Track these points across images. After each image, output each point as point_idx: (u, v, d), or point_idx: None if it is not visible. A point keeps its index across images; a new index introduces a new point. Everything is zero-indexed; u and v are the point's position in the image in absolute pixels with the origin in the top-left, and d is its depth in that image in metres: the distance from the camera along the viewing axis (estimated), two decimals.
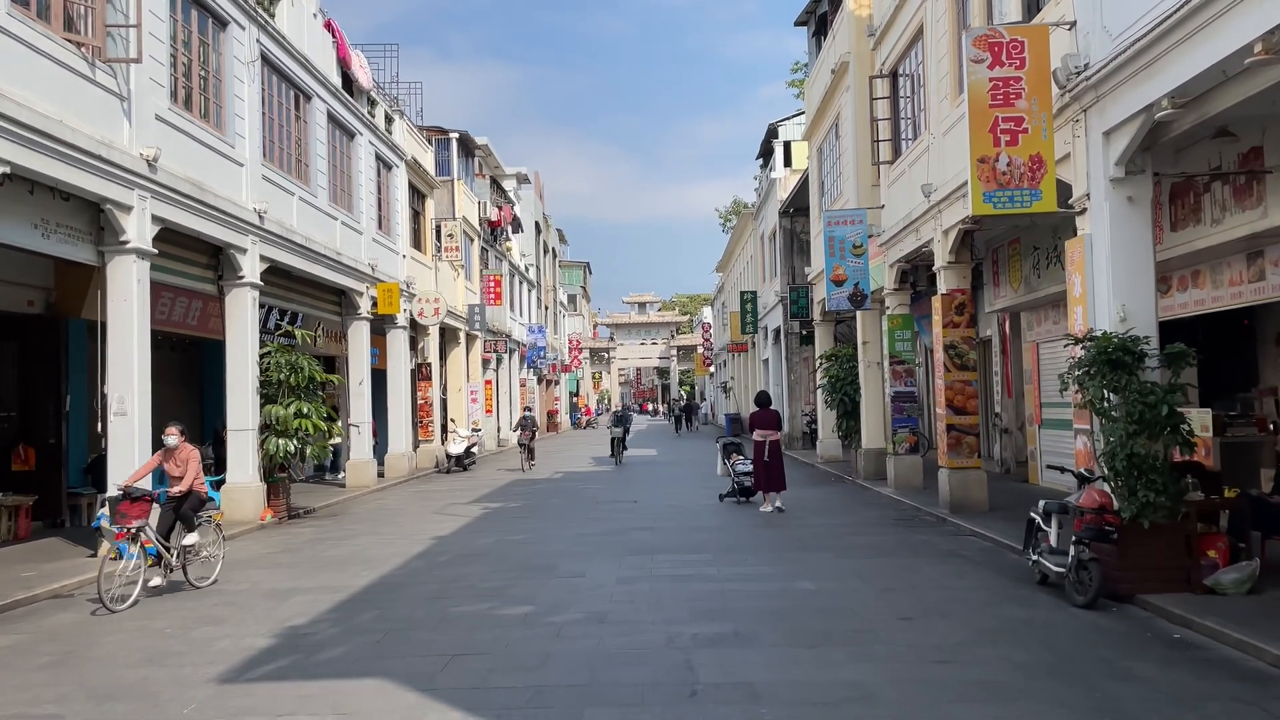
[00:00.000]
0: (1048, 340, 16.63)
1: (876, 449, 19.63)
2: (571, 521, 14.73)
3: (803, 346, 31.66)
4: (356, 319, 21.28)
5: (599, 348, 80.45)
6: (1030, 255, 15.78)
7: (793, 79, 49.80)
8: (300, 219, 17.72)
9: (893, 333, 17.37)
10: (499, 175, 42.13)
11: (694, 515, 15.10)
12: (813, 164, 25.24)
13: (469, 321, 31.82)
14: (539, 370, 49.14)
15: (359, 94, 21.45)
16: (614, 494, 18.77)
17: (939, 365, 14.37)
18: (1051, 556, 8.76)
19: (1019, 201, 9.59)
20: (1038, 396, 17.25)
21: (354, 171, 21.09)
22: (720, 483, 17.76)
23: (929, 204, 14.36)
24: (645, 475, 23.32)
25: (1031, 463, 17.71)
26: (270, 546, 13.05)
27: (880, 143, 17.61)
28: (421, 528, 14.40)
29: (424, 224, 27.60)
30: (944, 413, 14.19)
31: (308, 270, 18.10)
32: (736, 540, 12.42)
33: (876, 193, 18.99)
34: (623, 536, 12.90)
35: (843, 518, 14.40)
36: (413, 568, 11.00)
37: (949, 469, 14.08)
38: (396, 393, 23.92)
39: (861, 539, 12.28)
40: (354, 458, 21.19)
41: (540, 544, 12.49)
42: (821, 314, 24.84)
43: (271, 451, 15.34)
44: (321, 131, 19.01)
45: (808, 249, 30.54)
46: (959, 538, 12.20)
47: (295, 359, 15.69)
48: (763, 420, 15.41)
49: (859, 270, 17.89)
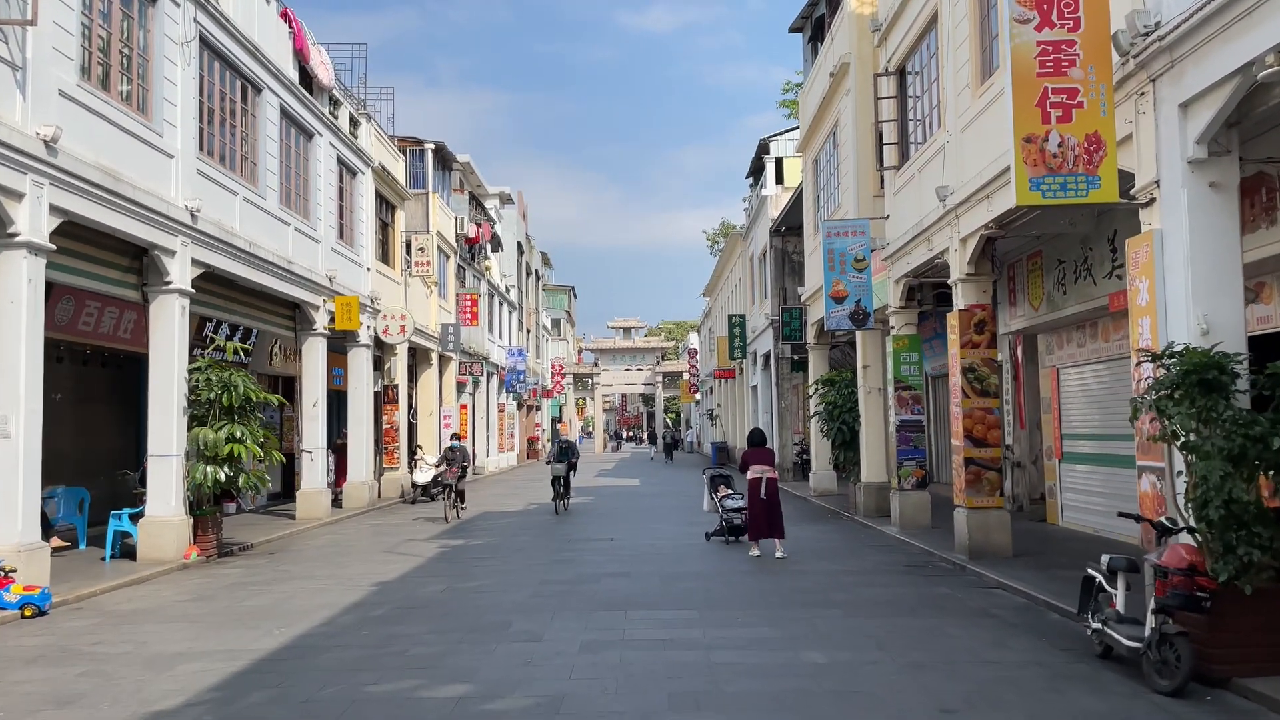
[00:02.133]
0: (1071, 365, 15.00)
1: (878, 483, 17.91)
2: (537, 564, 12.92)
3: (794, 373, 30.01)
4: (312, 335, 19.49)
5: (582, 373, 78.52)
6: (1054, 270, 14.18)
7: (783, 99, 48.63)
8: (244, 222, 15.97)
9: (898, 355, 15.72)
10: (481, 194, 40.54)
11: (677, 558, 13.32)
12: (807, 178, 23.70)
13: (442, 342, 30.04)
14: (519, 395, 47.31)
15: (319, 92, 19.79)
16: (588, 530, 16.96)
17: (955, 390, 12.70)
18: (1121, 627, 7.03)
19: (1073, 190, 7.96)
20: (1058, 427, 15.60)
21: (311, 175, 19.38)
22: (707, 519, 15.99)
23: (944, 209, 12.76)
24: (625, 508, 21.52)
25: (1050, 500, 16.02)
26: (183, 592, 11.19)
27: (886, 146, 16.05)
28: (366, 570, 12.56)
29: (393, 237, 25.89)
30: (961, 444, 12.50)
31: (254, 279, 16.33)
32: (726, 591, 10.63)
33: (879, 204, 17.42)
34: (593, 585, 11.10)
35: (846, 563, 12.64)
36: (339, 624, 9.17)
37: (967, 509, 12.38)
38: (358, 416, 22.09)
39: (872, 591, 10.52)
40: (305, 487, 19.32)
41: (496, 593, 10.68)
42: (816, 337, 23.20)
43: (199, 480, 13.50)
44: (273, 128, 17.32)
45: (800, 270, 28.99)
46: (986, 591, 10.46)
47: (229, 376, 13.87)
48: (759, 458, 13.71)
49: (861, 286, 16.26)
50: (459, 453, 19.60)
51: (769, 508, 13.28)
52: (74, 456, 16.10)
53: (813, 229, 23.05)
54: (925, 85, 14.58)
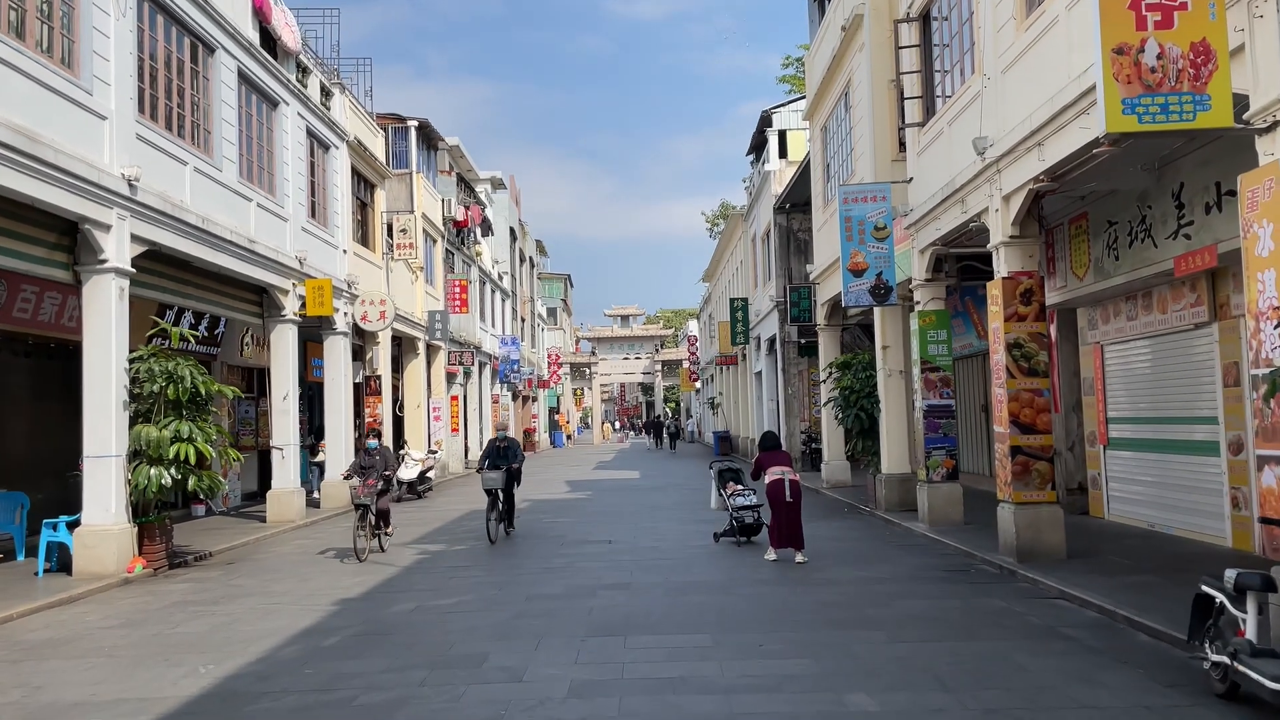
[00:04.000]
0: (1118, 340, 13.44)
1: (900, 474, 16.37)
2: (524, 573, 11.37)
3: (801, 357, 28.44)
4: (281, 321, 17.90)
5: (580, 362, 76.91)
6: (1102, 234, 12.61)
7: (784, 75, 46.99)
8: (197, 195, 14.37)
9: (924, 332, 14.15)
10: (471, 178, 38.90)
11: (683, 563, 11.78)
12: (815, 147, 22.09)
13: (429, 330, 28.48)
14: (513, 386, 45.75)
15: (284, 57, 18.16)
16: (584, 531, 15.41)
17: (998, 370, 11.14)
18: (1257, 662, 5.49)
19: (1176, 113, 6.39)
20: (1102, 411, 14.06)
21: (277, 147, 17.76)
22: (714, 517, 14.46)
23: (982, 163, 11.18)
24: (624, 504, 19.97)
25: (1093, 491, 14.49)
26: (112, 616, 9.64)
27: (907, 102, 14.45)
28: (329, 583, 11.02)
29: (373, 218, 24.27)
30: (1006, 431, 10.95)
31: (210, 260, 14.73)
32: (743, 607, 9.09)
33: (899, 169, 15.85)
34: (587, 600, 9.55)
35: (876, 568, 11.10)
36: (280, 659, 7.63)
37: (1014, 504, 10.83)
38: (335, 409, 20.54)
39: (913, 604, 8.98)
40: (276, 487, 17.75)
41: (474, 613, 9.15)
42: (827, 317, 21.65)
43: (141, 484, 11.95)
44: (230, 93, 15.69)
45: (807, 248, 27.44)
46: (1047, 603, 8.92)
47: (174, 366, 12.30)
48: (777, 460, 12.17)
49: (882, 257, 14.68)
50: (378, 458, 13.27)
51: (792, 514, 11.73)
52: (16, 457, 14.59)
53: (822, 201, 21.48)
54: (955, 29, 12.98)
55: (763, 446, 12.66)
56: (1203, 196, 10.30)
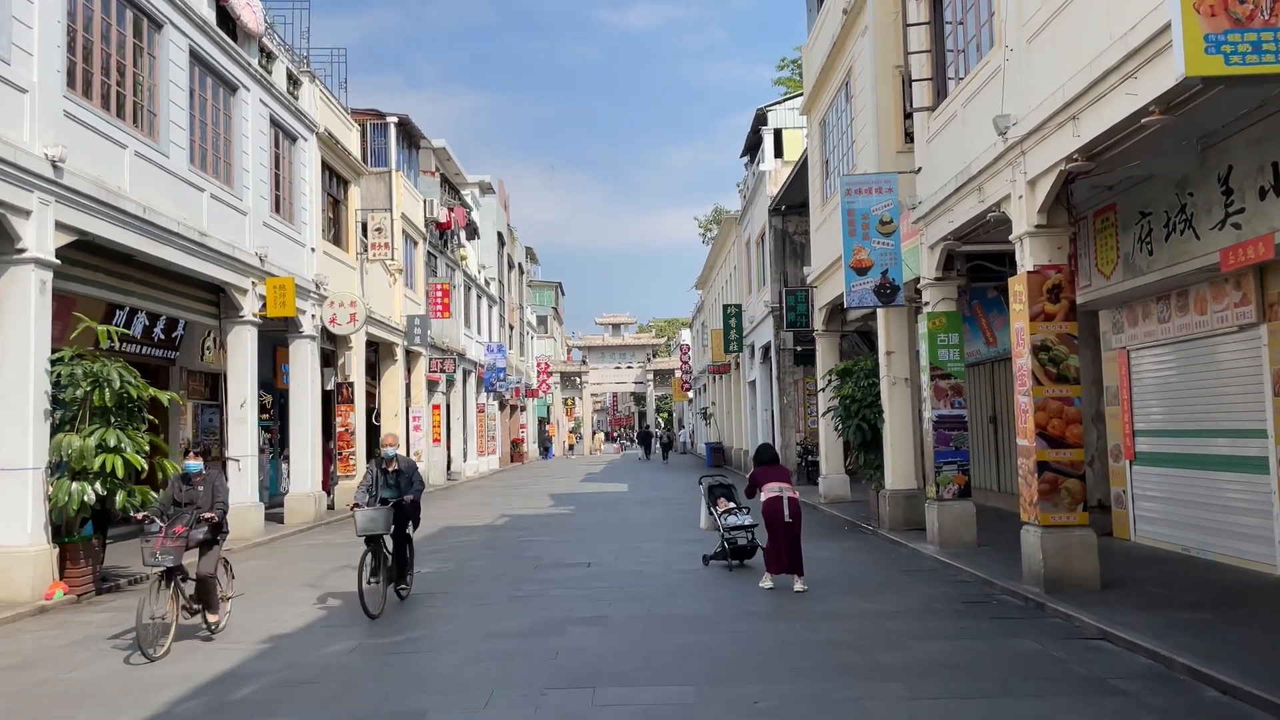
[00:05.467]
0: (1149, 345, 12.23)
1: (905, 490, 15.14)
2: (488, 603, 10.08)
3: (796, 366, 27.22)
4: (238, 323, 16.62)
5: (570, 371, 75.58)
6: (1133, 226, 11.41)
7: (779, 77, 45.96)
8: (138, 181, 13.11)
9: (934, 336, 12.94)
10: (459, 182, 37.71)
11: (668, 592, 10.50)
12: (813, 142, 20.93)
13: (408, 335, 27.20)
14: (500, 394, 44.43)
15: (246, 39, 16.92)
16: (562, 552, 14.13)
17: (1022, 375, 9.92)
18: None
19: (1273, 52, 5.17)
20: (1128, 422, 12.85)
21: (236, 135, 16.51)
22: (704, 536, 13.20)
23: (1004, 145, 9.98)
24: (608, 521, 18.69)
25: (1117, 510, 13.26)
26: (10, 654, 8.33)
27: (915, 85, 13.26)
28: (266, 615, 9.73)
29: (347, 216, 23.01)
30: (1032, 444, 9.73)
31: (154, 254, 13.47)
32: (735, 649, 7.82)
33: (905, 160, 14.67)
34: (554, 639, 8.27)
35: (885, 599, 9.83)
36: (176, 717, 6.33)
37: (1040, 526, 9.59)
38: (301, 417, 19.26)
39: (931, 646, 7.72)
40: (232, 502, 16.36)
41: (421, 654, 7.87)
42: (825, 322, 20.45)
43: (61, 501, 10.66)
44: (180, 74, 14.44)
45: (803, 252, 26.27)
46: (1088, 646, 7.67)
47: (101, 368, 11.00)
48: (774, 475, 10.92)
49: (888, 254, 13.47)
50: (201, 488, 8.85)
51: (791, 536, 10.49)
52: None
53: (820, 200, 20.30)
54: (969, 3, 11.81)
55: (758, 461, 11.43)
56: (1256, 180, 9.10)
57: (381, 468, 10.13)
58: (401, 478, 10.06)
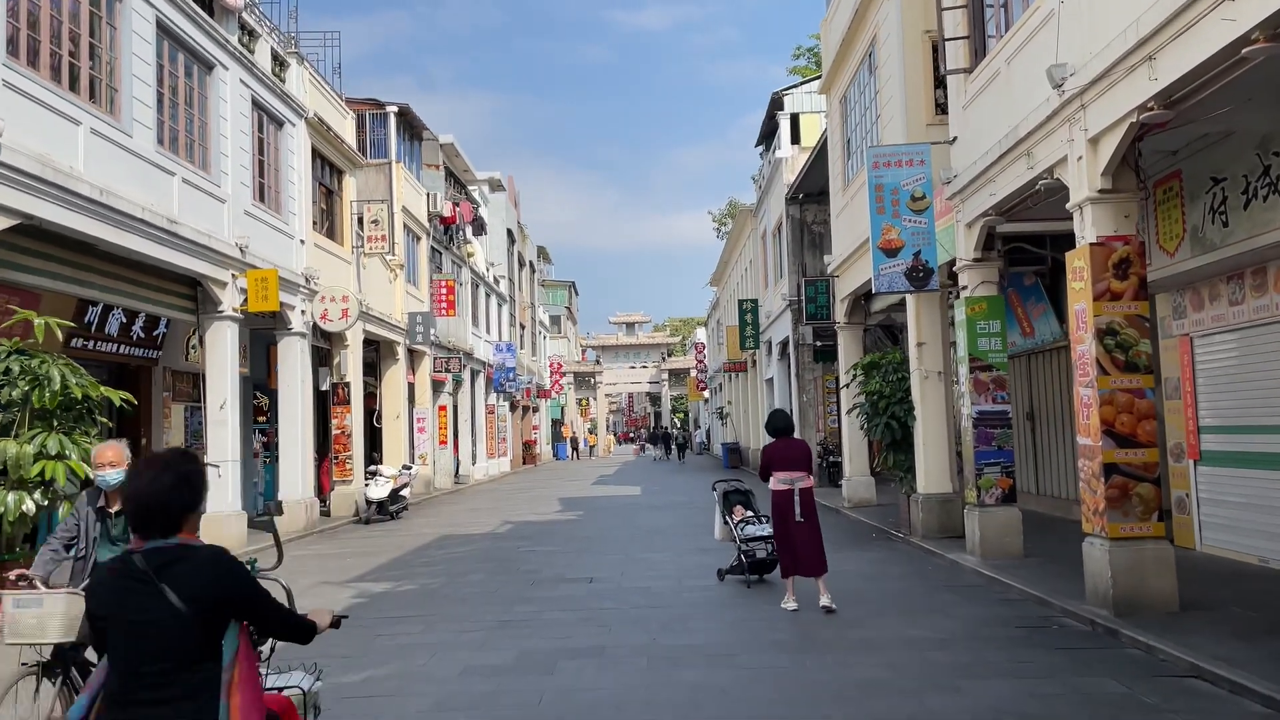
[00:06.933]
0: (1218, 331, 10.87)
1: (940, 495, 13.82)
2: (473, 629, 8.85)
3: (816, 362, 25.89)
4: (217, 318, 15.49)
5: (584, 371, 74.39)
6: (1203, 195, 10.07)
7: (794, 66, 44.63)
8: (94, 161, 11.96)
9: (973, 323, 11.62)
10: (468, 178, 36.58)
11: (679, 615, 9.23)
12: (833, 122, 19.62)
13: (409, 333, 26.03)
14: (510, 395, 43.26)
15: (224, 14, 15.77)
16: (564, 564, 12.89)
17: (1085, 364, 8.60)
18: None
19: None
20: (1192, 418, 11.48)
21: (213, 116, 15.36)
22: (720, 546, 11.95)
23: (1061, 99, 8.66)
24: (619, 528, 17.44)
25: (1179, 516, 11.89)
26: None
27: (949, 45, 11.93)
28: None
29: (341, 208, 21.87)
30: (1097, 444, 8.40)
31: (115, 241, 12.32)
32: (756, 691, 6.56)
33: (936, 133, 13.37)
34: (540, 678, 7.02)
35: (928, 623, 8.52)
36: None
37: (1108, 539, 8.27)
38: (291, 419, 18.12)
39: (992, 687, 6.43)
40: (211, 510, 15.27)
41: (381, 698, 6.65)
42: (847, 314, 19.12)
43: None
44: (145, 47, 13.29)
45: (822, 242, 24.97)
46: (1183, 687, 6.35)
47: (40, 365, 9.84)
48: (787, 455, 9.59)
49: (921, 233, 12.17)
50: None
51: (805, 534, 9.23)
52: None
53: (841, 184, 19.00)
54: None
55: (772, 429, 9.83)
56: None
57: (98, 507, 5.47)
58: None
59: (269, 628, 3.10)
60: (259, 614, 3.01)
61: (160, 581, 2.81)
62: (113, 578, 2.92)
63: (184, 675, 2.80)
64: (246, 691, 2.88)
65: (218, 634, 2.87)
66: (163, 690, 2.79)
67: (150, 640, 2.81)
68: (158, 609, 2.80)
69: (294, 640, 3.19)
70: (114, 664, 2.87)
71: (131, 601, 2.83)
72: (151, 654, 2.80)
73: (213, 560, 2.92)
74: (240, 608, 2.94)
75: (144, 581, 2.83)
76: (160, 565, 2.85)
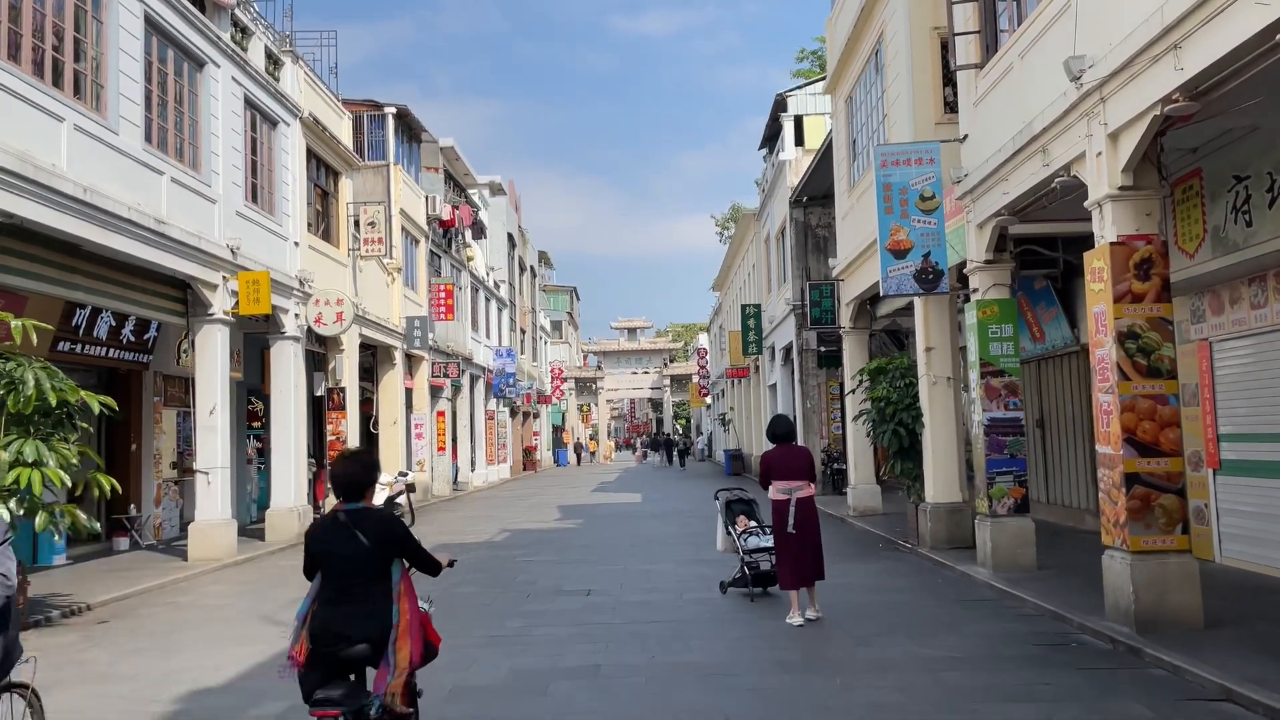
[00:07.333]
0: (1239, 335, 10.48)
1: (949, 504, 13.43)
2: (462, 646, 8.43)
3: (820, 368, 25.49)
4: (207, 321, 15.13)
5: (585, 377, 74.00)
6: (1224, 194, 9.70)
7: (798, 69, 44.32)
8: (78, 159, 11.62)
9: (985, 327, 11.25)
10: (469, 182, 36.29)
11: (679, 630, 8.84)
12: (838, 123, 19.26)
13: (407, 338, 25.68)
14: (510, 401, 42.89)
15: (216, 11, 15.45)
16: (561, 575, 12.50)
17: (1105, 369, 8.22)
18: None
19: None
20: (1210, 425, 11.10)
21: (203, 114, 15.03)
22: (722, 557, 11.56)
23: (1079, 92, 8.29)
24: (618, 537, 17.04)
25: (1198, 527, 11.47)
26: None
27: (959, 39, 11.57)
28: (196, 661, 8.16)
29: (337, 210, 21.53)
30: (1117, 453, 8.02)
31: (100, 242, 11.98)
32: (759, 715, 6.17)
33: (945, 132, 13.01)
34: (531, 700, 6.64)
35: (941, 641, 8.12)
36: None
37: (1130, 553, 7.88)
38: (283, 426, 17.74)
39: (1013, 712, 6.04)
40: (200, 519, 14.94)
41: None
42: (853, 319, 18.75)
43: None
44: (133, 43, 12.96)
45: (826, 246, 24.60)
46: (1217, 712, 5.96)
47: (14, 369, 9.48)
48: (788, 463, 9.23)
49: (930, 234, 11.79)
50: None
51: (801, 544, 8.88)
52: None
53: (846, 185, 18.63)
54: None
55: (772, 435, 9.50)
56: None
57: None
58: None
59: (415, 562, 4.70)
60: (410, 552, 4.65)
61: (355, 529, 4.51)
62: (326, 526, 4.64)
63: (372, 587, 4.48)
64: (409, 599, 4.56)
65: (388, 563, 4.54)
66: (359, 595, 4.47)
67: (351, 565, 4.48)
68: (355, 546, 4.48)
69: (427, 573, 4.80)
70: (328, 580, 4.54)
71: (338, 541, 4.53)
72: (351, 574, 4.49)
73: (383, 518, 4.67)
74: (400, 547, 4.60)
75: (346, 529, 4.52)
76: (355, 519, 4.56)
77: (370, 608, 4.44)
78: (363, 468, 4.70)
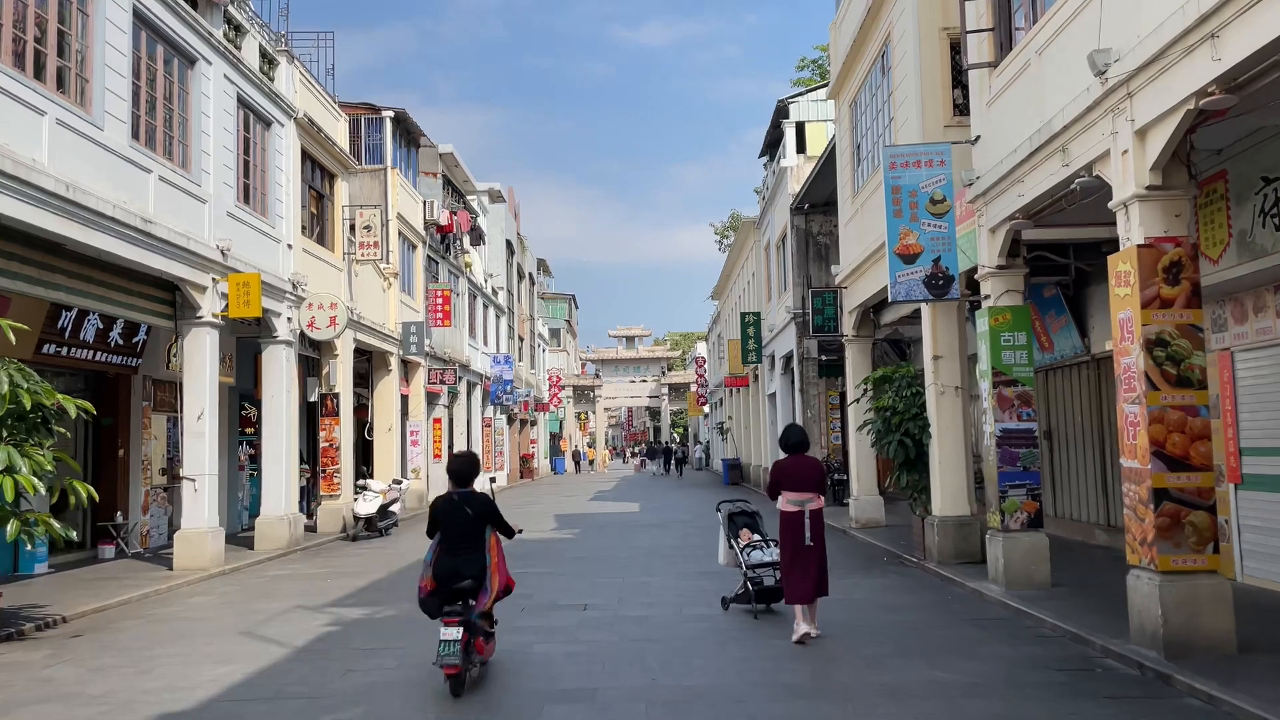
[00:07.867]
0: (1261, 345, 10.11)
1: (957, 518, 13.01)
2: None
3: (821, 377, 25.09)
4: (195, 324, 14.71)
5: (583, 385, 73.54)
6: (1251, 197, 9.32)
7: (799, 78, 44.01)
8: (60, 155, 11.22)
9: (997, 335, 10.85)
10: (468, 189, 35.90)
11: (679, 650, 8.41)
12: (841, 128, 18.90)
13: (403, 343, 25.26)
14: (507, 408, 42.45)
15: (209, 7, 15.08)
16: (556, 589, 12.06)
17: (1131, 377, 7.83)
18: None
19: None
20: (1232, 439, 10.70)
21: (193, 112, 14.64)
22: (725, 572, 11.13)
23: (1103, 88, 7.92)
24: (616, 548, 16.60)
25: (1222, 544, 11.06)
26: None
27: (971, 37, 11.22)
28: (174, 679, 7.72)
29: (332, 213, 21.13)
30: (1145, 467, 7.62)
31: (84, 240, 11.57)
32: None
33: (954, 135, 12.66)
34: None
35: (957, 666, 7.69)
36: None
37: (1159, 573, 7.47)
38: (275, 431, 17.32)
39: None
40: (186, 527, 14.49)
41: None
42: (856, 327, 18.37)
43: None
44: (120, 36, 12.58)
45: (828, 254, 24.27)
46: None
47: None
48: (799, 474, 8.85)
49: (941, 238, 11.41)
50: None
51: (812, 559, 8.48)
52: None
53: (850, 191, 18.27)
54: None
55: (785, 445, 9.16)
56: None
57: None
58: None
59: (498, 528, 7.41)
60: (496, 521, 7.39)
61: (465, 505, 7.26)
62: (446, 502, 7.34)
63: (475, 542, 7.25)
64: (497, 552, 7.37)
65: (484, 528, 7.31)
66: (467, 548, 7.22)
67: (461, 528, 7.23)
68: (463, 516, 7.24)
69: (504, 535, 7.48)
70: (446, 538, 7.25)
71: (454, 513, 7.27)
72: (459, 535, 7.22)
73: (483, 499, 7.36)
74: (491, 518, 7.35)
75: (459, 506, 7.27)
76: (464, 499, 7.30)
77: (473, 555, 7.14)
78: (470, 465, 7.44)
